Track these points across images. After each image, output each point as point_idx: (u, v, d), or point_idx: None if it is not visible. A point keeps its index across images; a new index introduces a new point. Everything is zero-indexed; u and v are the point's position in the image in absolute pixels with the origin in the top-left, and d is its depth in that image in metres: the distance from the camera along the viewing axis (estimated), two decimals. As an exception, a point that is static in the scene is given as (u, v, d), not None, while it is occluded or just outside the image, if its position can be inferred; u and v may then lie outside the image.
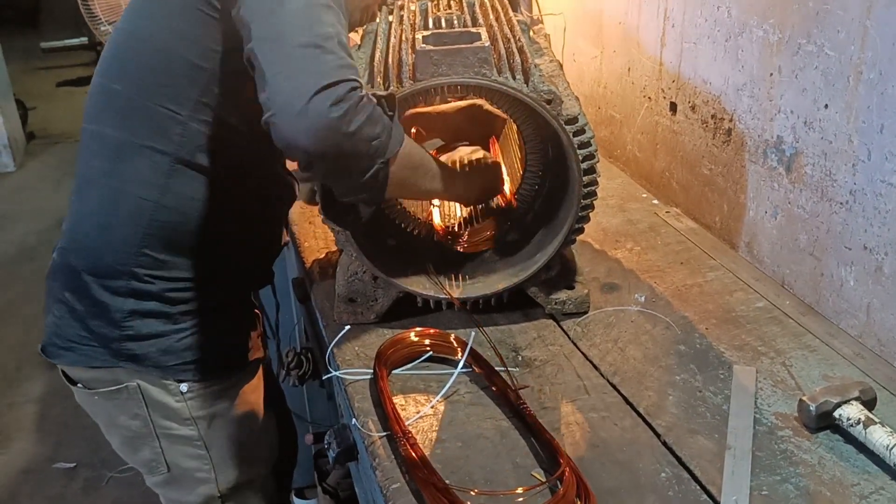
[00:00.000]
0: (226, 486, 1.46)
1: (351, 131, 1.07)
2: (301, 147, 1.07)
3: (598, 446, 1.13)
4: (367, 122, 1.09)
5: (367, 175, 1.15)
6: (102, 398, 1.38)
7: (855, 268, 1.33)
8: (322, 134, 1.05)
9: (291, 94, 1.05)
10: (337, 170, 1.14)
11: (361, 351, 1.35)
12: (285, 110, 1.05)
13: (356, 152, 1.11)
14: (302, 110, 1.04)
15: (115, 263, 1.30)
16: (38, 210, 4.76)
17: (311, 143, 1.06)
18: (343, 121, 1.05)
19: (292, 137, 1.06)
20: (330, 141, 1.07)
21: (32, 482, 2.79)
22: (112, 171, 1.29)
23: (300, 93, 1.04)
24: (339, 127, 1.05)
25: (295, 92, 1.04)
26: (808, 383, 1.25)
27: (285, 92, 1.05)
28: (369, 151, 1.12)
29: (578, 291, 1.43)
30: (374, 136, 1.11)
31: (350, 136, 1.07)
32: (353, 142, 1.09)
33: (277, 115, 1.06)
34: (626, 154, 2.07)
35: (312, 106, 1.03)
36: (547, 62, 1.44)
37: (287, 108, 1.05)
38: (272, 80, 1.06)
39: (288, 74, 1.06)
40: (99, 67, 1.33)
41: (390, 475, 1.08)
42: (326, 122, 1.04)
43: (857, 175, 1.30)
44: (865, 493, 1.04)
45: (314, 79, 1.04)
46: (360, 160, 1.13)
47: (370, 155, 1.13)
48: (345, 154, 1.10)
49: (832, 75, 1.32)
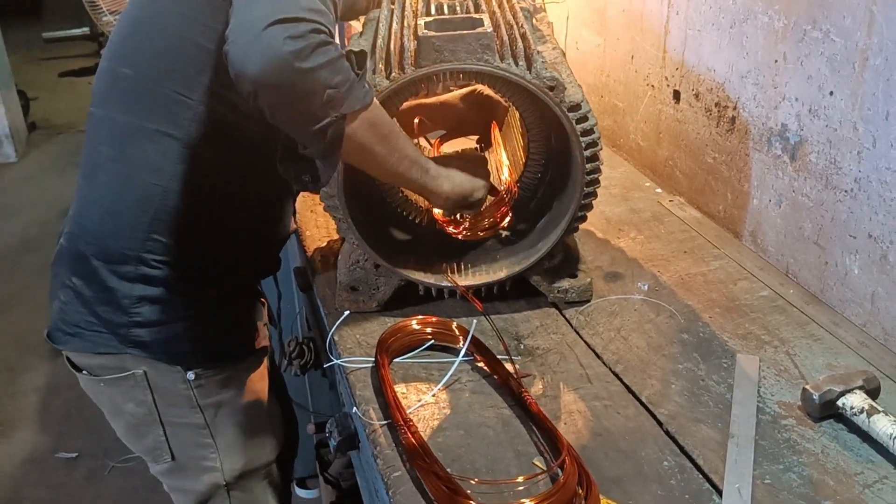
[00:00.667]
0: (231, 475, 1.46)
1: (304, 68, 1.02)
2: (248, 74, 1.03)
3: (601, 435, 1.13)
4: (326, 66, 1.05)
5: (318, 125, 1.09)
6: (108, 385, 1.38)
7: (860, 256, 1.32)
8: (271, 63, 1.01)
9: (249, 21, 1.02)
10: (285, 108, 1.09)
11: (363, 339, 1.34)
12: (240, 36, 1.02)
13: (306, 93, 1.05)
14: (255, 36, 1.01)
15: (124, 249, 1.29)
16: (40, 201, 4.76)
17: (258, 70, 1.02)
18: (297, 56, 1.01)
19: (241, 63, 1.03)
20: (279, 72, 1.02)
21: (35, 472, 2.80)
22: (120, 156, 1.28)
23: (258, 20, 1.01)
24: (291, 60, 1.01)
25: (253, 19, 1.02)
26: (812, 372, 1.24)
27: (244, 20, 1.03)
28: (323, 99, 1.06)
29: (581, 280, 1.42)
30: (330, 84, 1.06)
31: (302, 74, 1.03)
32: (304, 80, 1.04)
33: (233, 41, 1.03)
34: (629, 143, 2.06)
35: (267, 33, 1.01)
36: (550, 49, 1.42)
37: (242, 35, 1.02)
38: (238, 11, 1.04)
39: (253, 6, 1.03)
40: (107, 52, 1.32)
41: (391, 463, 1.08)
42: (277, 53, 1.01)
43: (862, 163, 1.29)
44: (869, 482, 1.03)
45: (275, 11, 1.02)
46: (310, 104, 1.07)
47: (323, 103, 1.07)
48: (294, 92, 1.05)
49: (838, 62, 1.31)
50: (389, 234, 1.48)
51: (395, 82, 1.23)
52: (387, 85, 1.23)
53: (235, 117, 1.26)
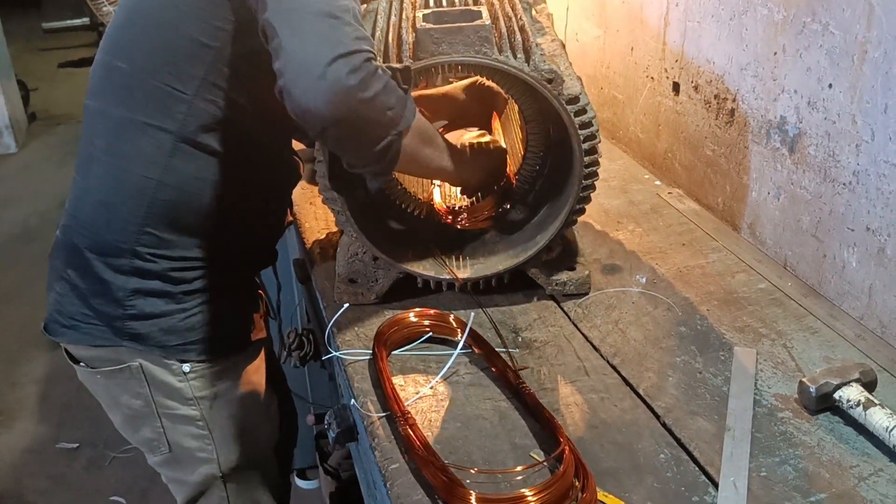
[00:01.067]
0: (227, 466, 1.47)
1: (367, 98, 1.07)
2: (317, 112, 1.06)
3: (598, 427, 1.13)
4: (383, 91, 1.09)
5: (380, 145, 1.14)
6: (104, 377, 1.38)
7: (857, 249, 1.32)
8: (339, 99, 1.05)
9: (309, 60, 1.05)
10: (350, 138, 1.14)
11: (361, 331, 1.34)
12: (301, 76, 1.05)
13: (371, 120, 1.11)
14: (320, 75, 1.04)
15: (118, 241, 1.29)
16: (39, 191, 4.76)
17: (327, 108, 1.06)
18: (360, 87, 1.05)
19: (308, 103, 1.06)
20: (346, 107, 1.06)
21: (35, 462, 2.81)
22: (114, 148, 1.28)
23: (318, 59, 1.04)
24: (356, 93, 1.05)
25: (312, 58, 1.04)
26: (809, 365, 1.24)
27: (302, 58, 1.05)
28: (384, 121, 1.12)
29: (579, 273, 1.42)
30: (389, 106, 1.11)
31: (366, 103, 1.07)
32: (368, 109, 1.09)
33: (293, 81, 1.06)
34: (628, 135, 2.05)
35: (330, 72, 1.03)
36: (549, 41, 1.42)
37: (303, 74, 1.05)
38: (289, 47, 1.06)
39: (305, 42, 1.06)
40: (103, 44, 1.32)
41: (389, 455, 1.08)
42: (343, 88, 1.04)
43: (860, 156, 1.29)
44: (864, 475, 1.03)
45: (332, 46, 1.05)
46: (375, 129, 1.13)
47: (385, 124, 1.13)
48: (360, 121, 1.10)
49: (837, 54, 1.30)
50: (388, 226, 1.48)
51: (393, 75, 1.23)
52: (385, 77, 1.23)
53: (229, 111, 1.26)
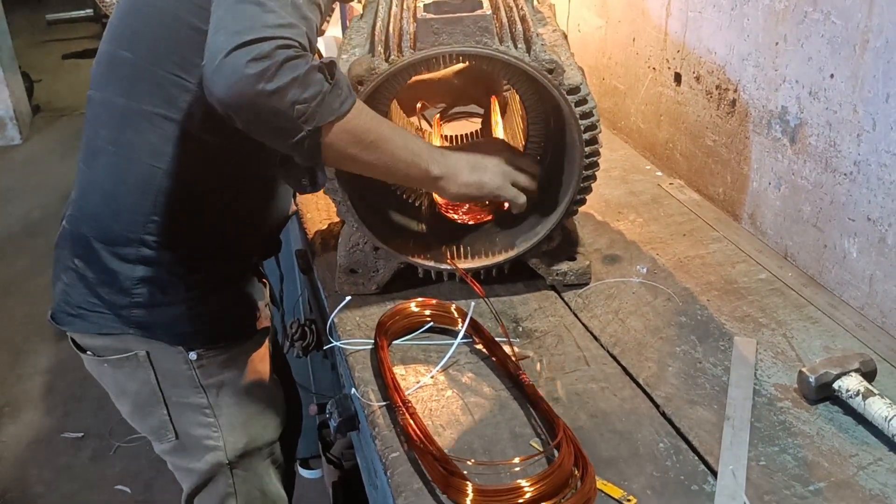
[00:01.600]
0: (234, 454, 1.48)
1: (269, 90, 1.03)
2: (215, 98, 1.05)
3: (597, 417, 1.14)
4: (293, 83, 1.05)
5: (293, 139, 1.10)
6: (111, 366, 1.39)
7: (858, 239, 1.32)
8: (235, 88, 1.03)
9: (217, 45, 1.04)
10: (256, 126, 1.10)
11: (362, 321, 1.35)
12: (209, 60, 1.05)
13: (274, 112, 1.06)
14: (220, 63, 1.03)
15: (125, 231, 1.30)
16: (44, 183, 4.77)
17: (224, 95, 1.04)
18: (259, 78, 1.02)
19: (209, 87, 1.05)
20: (243, 97, 1.04)
21: (41, 452, 2.82)
22: (119, 138, 1.29)
23: (223, 45, 1.03)
24: (254, 84, 1.03)
25: (220, 44, 1.04)
26: (809, 355, 1.24)
27: (214, 43, 1.05)
28: (293, 115, 1.07)
29: (580, 263, 1.43)
30: (299, 100, 1.06)
31: (266, 95, 1.04)
32: (270, 101, 1.05)
33: (204, 66, 1.05)
34: (629, 125, 2.05)
35: (230, 59, 1.02)
36: (550, 31, 1.42)
37: (210, 59, 1.04)
38: (211, 29, 1.07)
39: (222, 27, 1.06)
40: (106, 35, 1.33)
41: (389, 444, 1.09)
42: (240, 77, 1.02)
43: (861, 145, 1.29)
44: (864, 464, 1.04)
45: (240, 33, 1.03)
46: (281, 122, 1.08)
47: (293, 119, 1.07)
48: (263, 113, 1.06)
49: (838, 44, 1.30)
50: (389, 216, 1.48)
51: (394, 65, 1.23)
52: (386, 68, 1.23)
53: None
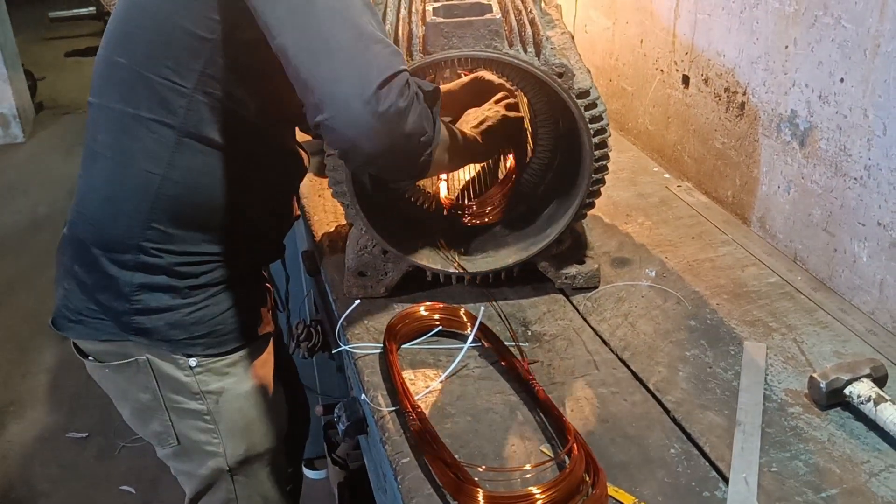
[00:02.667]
0: (234, 460, 1.47)
1: (408, 130, 1.09)
2: (364, 148, 1.08)
3: (608, 422, 1.13)
4: (420, 118, 1.11)
5: (416, 167, 1.18)
6: (113, 371, 1.39)
7: (868, 243, 1.32)
8: (384, 133, 1.06)
9: (348, 93, 1.04)
10: (391, 167, 1.18)
11: (371, 325, 1.35)
12: (342, 112, 1.05)
13: (411, 149, 1.14)
14: (363, 110, 1.04)
15: (123, 237, 1.30)
16: (47, 180, 4.77)
17: (373, 145, 1.07)
18: (402, 117, 1.07)
19: (353, 138, 1.07)
20: (390, 141, 1.08)
21: (46, 451, 2.83)
22: (117, 145, 1.28)
23: (359, 91, 1.04)
24: (398, 128, 1.07)
25: (352, 91, 1.04)
26: (820, 360, 1.24)
27: (341, 93, 1.04)
28: (420, 148, 1.14)
29: (589, 266, 1.42)
30: (424, 132, 1.13)
31: (408, 136, 1.10)
32: (408, 140, 1.11)
33: (334, 117, 1.05)
34: (637, 127, 2.05)
35: (373, 105, 1.04)
36: (559, 34, 1.42)
37: (345, 110, 1.04)
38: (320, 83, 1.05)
39: (339, 72, 1.05)
40: (104, 40, 1.32)
41: (399, 450, 1.08)
42: (386, 124, 1.06)
43: (872, 150, 1.29)
44: (875, 471, 1.04)
45: (370, 74, 1.04)
46: (414, 155, 1.15)
47: (422, 147, 1.15)
48: (402, 151, 1.12)
49: (849, 48, 1.30)
50: (397, 219, 1.48)
51: (403, 69, 1.23)
52: (395, 71, 1.23)
53: (230, 104, 1.26)
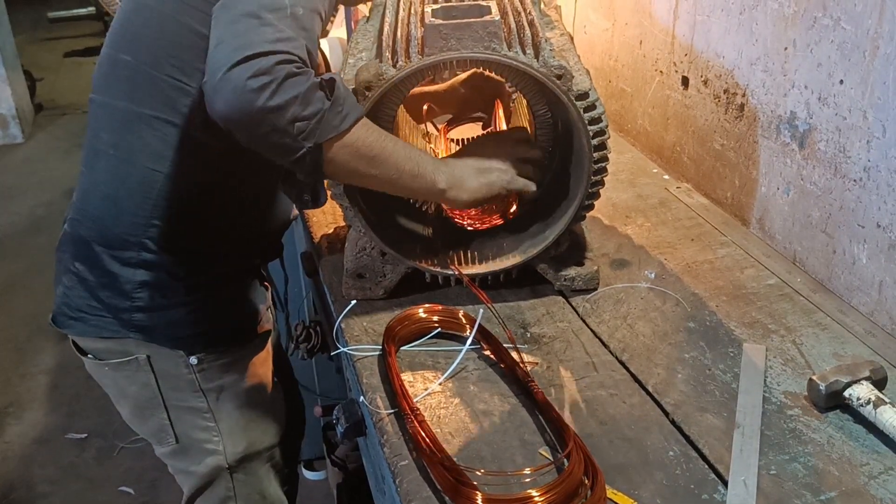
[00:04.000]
0: (234, 458, 1.48)
1: (270, 106, 1.04)
2: (216, 113, 1.06)
3: (606, 424, 1.13)
4: (294, 101, 1.05)
5: (294, 156, 1.11)
6: (112, 369, 1.39)
7: (868, 245, 1.32)
8: (236, 104, 1.04)
9: (218, 61, 1.05)
10: (257, 142, 1.10)
11: (370, 326, 1.34)
12: (210, 75, 1.05)
13: (274, 129, 1.07)
14: (222, 77, 1.03)
15: (125, 234, 1.30)
16: (46, 181, 4.77)
17: (225, 111, 1.05)
18: (260, 93, 1.03)
19: (211, 102, 1.06)
20: (244, 113, 1.04)
21: (45, 452, 2.82)
22: (120, 142, 1.29)
23: (224, 61, 1.04)
24: (254, 99, 1.03)
25: (221, 60, 1.04)
26: (819, 361, 1.24)
27: (214, 59, 1.05)
28: (292, 132, 1.07)
29: (588, 268, 1.42)
30: (299, 118, 1.07)
31: (267, 112, 1.04)
32: (270, 118, 1.05)
33: (206, 80, 1.06)
34: (636, 128, 2.05)
35: (232, 74, 1.03)
36: (558, 36, 1.42)
37: (212, 75, 1.05)
38: (211, 45, 1.07)
39: (222, 41, 1.06)
40: (108, 38, 1.33)
41: (398, 452, 1.08)
42: (240, 93, 1.03)
43: (871, 151, 1.29)
44: (875, 474, 1.03)
45: (240, 49, 1.04)
46: (281, 138, 1.08)
47: (293, 135, 1.08)
48: (262, 129, 1.07)
49: (848, 49, 1.30)
50: (396, 221, 1.47)
51: (401, 71, 1.23)
52: (393, 73, 1.22)
53: None
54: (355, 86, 1.22)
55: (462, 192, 1.28)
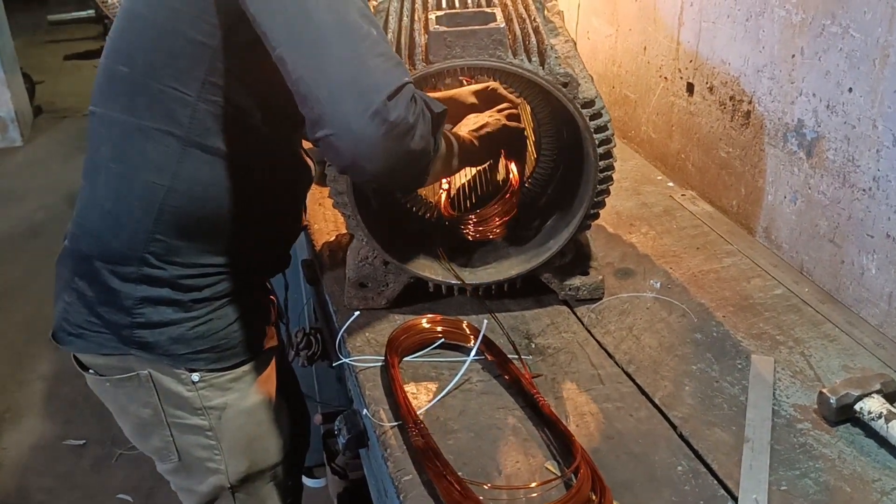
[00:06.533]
0: (236, 477, 1.45)
1: (412, 149, 1.06)
2: (366, 168, 1.05)
3: (613, 438, 1.11)
4: (425, 136, 1.09)
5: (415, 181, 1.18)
6: (114, 385, 1.36)
7: (877, 256, 1.30)
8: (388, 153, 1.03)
9: (350, 110, 1.00)
10: (396, 180, 1.15)
11: (372, 337, 1.33)
12: (344, 130, 1.01)
13: (414, 166, 1.11)
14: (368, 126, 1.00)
15: (126, 249, 1.27)
16: (45, 185, 4.74)
17: (376, 162, 1.04)
18: (408, 136, 1.04)
19: (354, 158, 1.04)
20: (395, 159, 1.05)
21: (43, 459, 2.80)
22: (120, 155, 1.26)
23: (362, 108, 1.00)
24: (404, 145, 1.04)
25: (355, 107, 1.00)
26: (828, 374, 1.22)
27: (340, 111, 1.00)
28: (423, 161, 1.13)
29: (593, 277, 1.41)
30: (429, 151, 1.11)
31: (411, 153, 1.07)
32: (412, 157, 1.08)
33: (336, 136, 1.02)
34: (640, 135, 2.03)
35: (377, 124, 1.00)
36: (562, 42, 1.40)
37: (346, 128, 1.01)
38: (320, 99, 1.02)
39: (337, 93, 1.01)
40: (105, 50, 1.30)
41: (402, 466, 1.06)
42: (392, 141, 1.02)
43: (880, 161, 1.27)
44: (887, 489, 1.02)
45: (371, 93, 1.00)
46: (416, 172, 1.14)
47: (424, 165, 1.14)
48: (404, 168, 1.09)
49: (857, 58, 1.28)
50: (398, 230, 1.46)
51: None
52: (397, 80, 1.21)
53: (234, 111, 1.23)
54: None
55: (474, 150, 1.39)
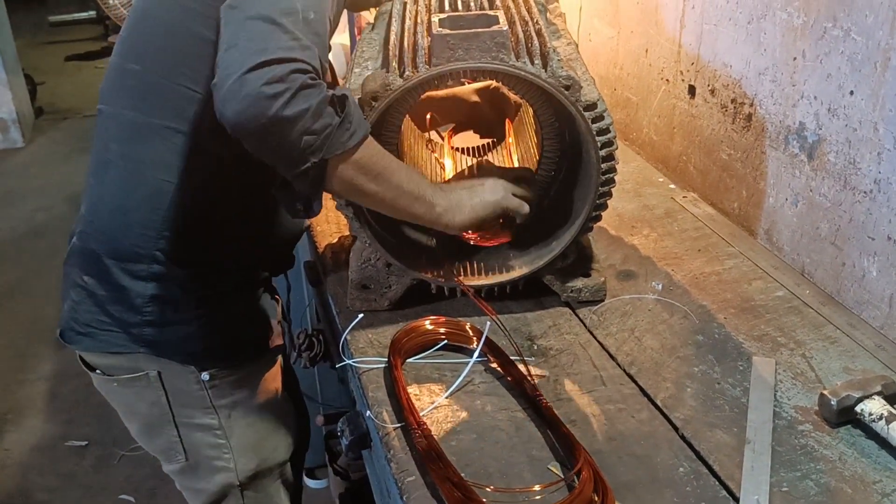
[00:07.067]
0: (245, 475, 1.45)
1: (282, 116, 1.02)
2: (226, 117, 1.04)
3: (615, 439, 1.12)
4: (305, 113, 1.03)
5: (299, 169, 1.09)
6: (121, 385, 1.37)
7: (878, 258, 1.31)
8: (247, 109, 1.01)
9: (231, 63, 1.02)
10: (264, 151, 1.08)
11: (375, 339, 1.33)
12: (223, 79, 1.02)
13: (284, 139, 1.05)
14: (235, 81, 1.01)
15: (136, 247, 1.27)
16: (46, 186, 4.75)
17: (235, 116, 1.02)
18: (273, 102, 1.01)
19: (222, 107, 1.03)
20: (254, 120, 1.02)
21: (45, 459, 2.80)
22: (130, 153, 1.27)
23: (238, 64, 1.01)
24: (267, 107, 1.01)
25: (235, 62, 1.02)
26: (829, 376, 1.23)
27: (227, 61, 1.03)
28: (300, 145, 1.06)
29: (595, 279, 1.41)
30: (308, 131, 1.05)
31: (278, 121, 1.02)
32: (280, 127, 1.03)
33: (217, 83, 1.03)
34: (641, 137, 2.04)
35: (246, 79, 1.00)
36: (564, 45, 1.41)
37: (224, 78, 1.02)
38: (221, 47, 1.05)
39: (235, 44, 1.03)
40: (116, 48, 1.31)
41: (405, 468, 1.07)
42: (253, 99, 1.00)
43: (882, 164, 1.27)
44: (887, 491, 1.02)
45: (256, 53, 1.01)
46: (288, 150, 1.07)
47: (300, 148, 1.06)
48: (270, 138, 1.05)
49: (858, 61, 1.29)
50: (401, 231, 1.46)
51: (408, 81, 1.21)
52: (400, 84, 1.21)
53: None
54: (361, 96, 1.21)
55: (457, 214, 1.27)
